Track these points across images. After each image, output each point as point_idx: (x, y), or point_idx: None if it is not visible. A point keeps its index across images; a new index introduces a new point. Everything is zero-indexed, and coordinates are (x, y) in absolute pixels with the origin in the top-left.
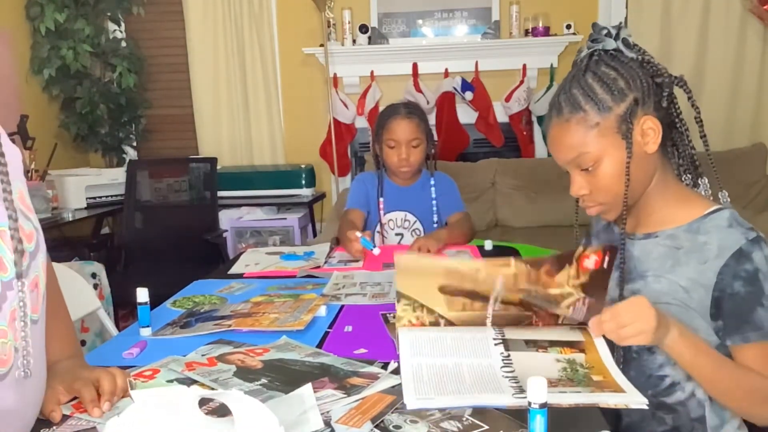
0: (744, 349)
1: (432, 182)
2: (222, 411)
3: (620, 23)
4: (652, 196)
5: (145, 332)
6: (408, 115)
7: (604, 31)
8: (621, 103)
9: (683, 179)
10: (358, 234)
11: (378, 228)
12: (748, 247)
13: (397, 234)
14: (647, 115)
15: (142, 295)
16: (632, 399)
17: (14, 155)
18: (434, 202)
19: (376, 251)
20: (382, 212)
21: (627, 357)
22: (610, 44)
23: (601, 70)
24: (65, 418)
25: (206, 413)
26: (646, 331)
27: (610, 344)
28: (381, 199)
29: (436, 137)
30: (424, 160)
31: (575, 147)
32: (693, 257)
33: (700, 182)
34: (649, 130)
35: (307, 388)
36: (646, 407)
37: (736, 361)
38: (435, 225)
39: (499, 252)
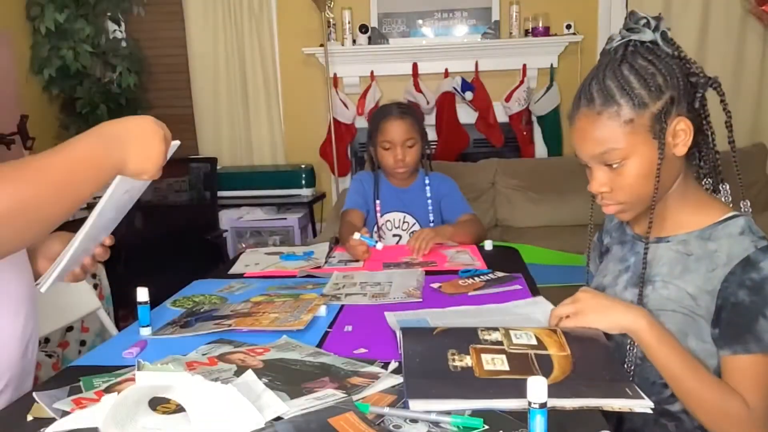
0: (741, 359)
1: (427, 181)
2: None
3: (660, 14)
4: (671, 200)
5: (145, 332)
6: (401, 115)
7: (642, 21)
8: (657, 101)
9: (704, 183)
10: (357, 235)
11: (375, 229)
12: (757, 255)
13: (395, 235)
14: (681, 116)
15: (142, 294)
16: (637, 403)
17: None
18: (429, 201)
19: (379, 246)
20: (378, 214)
21: (635, 363)
22: (648, 36)
23: (638, 62)
24: (64, 414)
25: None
26: (580, 310)
27: (621, 352)
28: (378, 201)
29: (436, 137)
30: (420, 160)
31: (604, 142)
32: (702, 265)
33: (720, 188)
34: (680, 132)
35: (249, 373)
36: (651, 411)
37: (726, 371)
38: (431, 225)
39: (500, 252)
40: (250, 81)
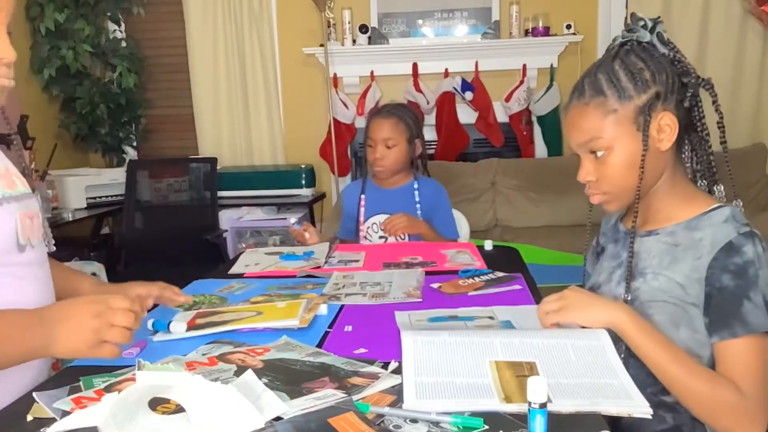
0: (731, 344)
1: (415, 185)
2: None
3: (659, 17)
4: (659, 194)
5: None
6: (386, 115)
7: (641, 23)
8: (642, 95)
9: (698, 185)
10: (293, 219)
11: (359, 231)
12: (739, 240)
13: (381, 237)
14: (667, 112)
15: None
16: (636, 408)
17: None
18: (418, 206)
19: (306, 235)
20: (363, 209)
21: (628, 355)
22: (645, 36)
23: (629, 59)
24: (64, 414)
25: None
26: (563, 307)
27: (615, 343)
28: (363, 196)
29: (436, 137)
30: (406, 163)
31: (589, 131)
32: (689, 254)
33: (715, 189)
34: (665, 127)
35: (248, 373)
36: (650, 417)
37: (718, 358)
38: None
39: (500, 252)
40: (250, 81)
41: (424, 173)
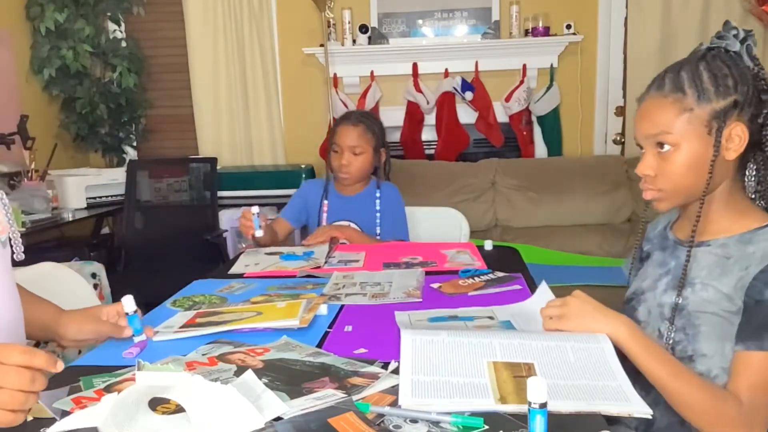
0: (754, 355)
1: (378, 194)
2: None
3: (751, 30)
4: (714, 205)
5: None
6: (355, 122)
7: (733, 32)
8: (721, 100)
9: (757, 205)
10: (255, 209)
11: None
12: None
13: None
14: (740, 123)
15: (129, 304)
16: (636, 408)
17: None
18: (378, 214)
19: (258, 233)
20: (325, 214)
21: None
22: (734, 45)
23: (715, 63)
24: (64, 414)
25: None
26: (564, 314)
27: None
28: (325, 202)
29: (436, 137)
30: (370, 171)
31: (661, 124)
32: (738, 266)
33: None
34: (735, 137)
35: (248, 373)
36: (650, 417)
37: (738, 366)
38: (378, 237)
39: (500, 252)
40: (250, 81)
41: (383, 178)
